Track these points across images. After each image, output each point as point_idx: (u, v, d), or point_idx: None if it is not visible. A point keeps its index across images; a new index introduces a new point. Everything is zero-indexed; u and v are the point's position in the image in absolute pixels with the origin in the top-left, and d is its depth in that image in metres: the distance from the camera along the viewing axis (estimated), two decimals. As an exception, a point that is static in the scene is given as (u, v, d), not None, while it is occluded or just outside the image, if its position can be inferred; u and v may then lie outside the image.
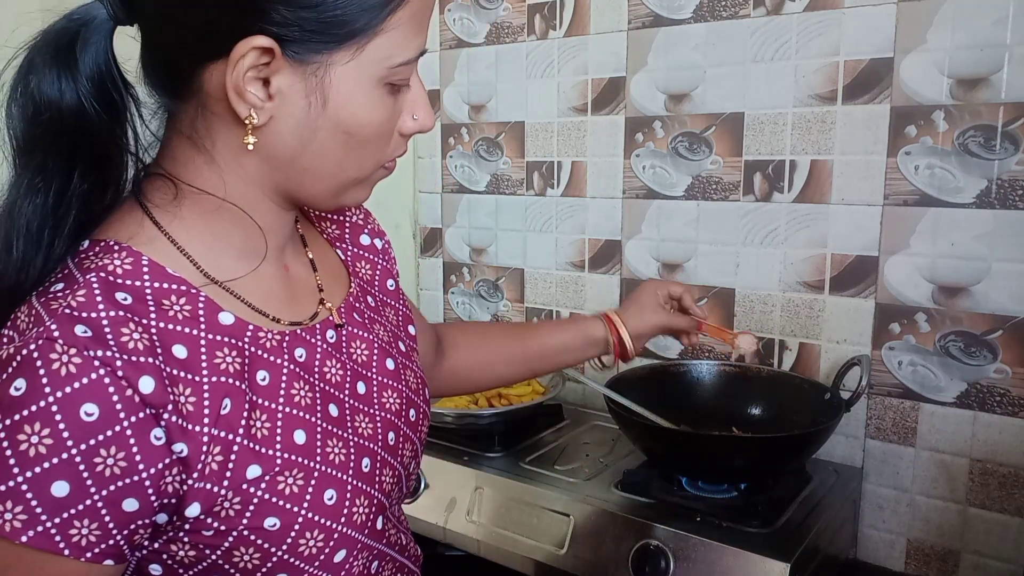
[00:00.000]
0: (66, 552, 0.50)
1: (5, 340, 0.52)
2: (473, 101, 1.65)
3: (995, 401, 1.15)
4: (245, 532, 0.56)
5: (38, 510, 0.49)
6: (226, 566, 0.57)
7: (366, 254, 0.79)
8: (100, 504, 0.51)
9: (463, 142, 1.68)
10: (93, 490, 0.50)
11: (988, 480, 1.17)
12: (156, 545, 0.56)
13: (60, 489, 0.49)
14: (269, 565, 0.57)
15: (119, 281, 0.55)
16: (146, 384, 0.52)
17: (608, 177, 1.48)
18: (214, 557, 0.57)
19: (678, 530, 1.02)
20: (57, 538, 0.50)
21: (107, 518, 0.51)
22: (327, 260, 0.74)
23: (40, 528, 0.49)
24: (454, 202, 1.71)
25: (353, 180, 0.62)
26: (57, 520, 0.50)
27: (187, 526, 0.55)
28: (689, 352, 1.43)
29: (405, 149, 0.64)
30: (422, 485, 1.24)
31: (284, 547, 0.57)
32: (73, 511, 0.50)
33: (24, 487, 0.49)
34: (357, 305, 0.72)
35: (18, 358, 0.50)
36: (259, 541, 0.57)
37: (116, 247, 0.57)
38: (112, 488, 0.51)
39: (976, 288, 1.15)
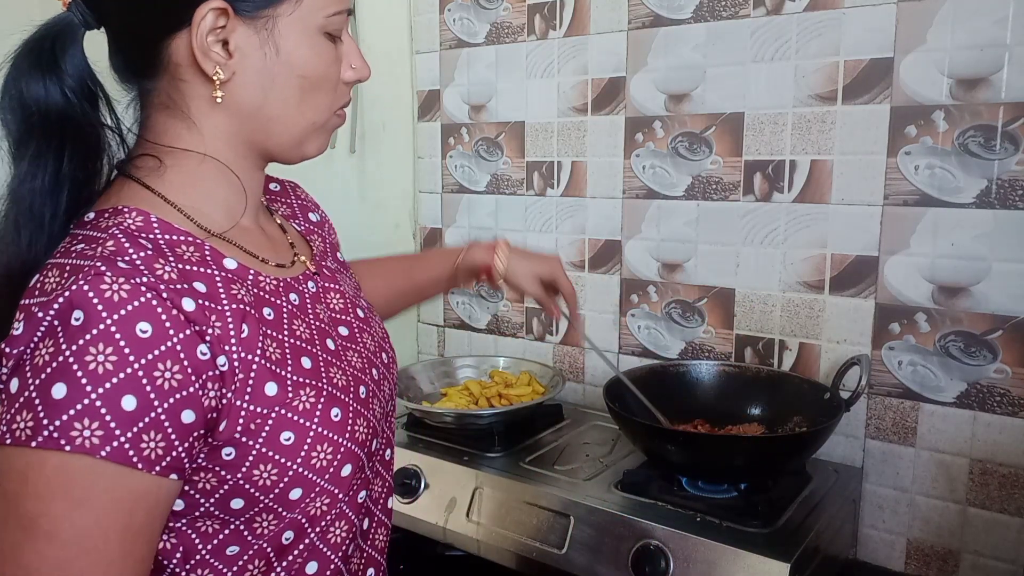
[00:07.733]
0: (140, 466, 0.55)
1: (36, 306, 0.56)
2: (473, 101, 1.65)
3: (995, 401, 1.15)
4: (264, 449, 0.62)
5: (112, 424, 0.54)
6: (247, 486, 0.62)
7: (317, 229, 0.88)
8: (163, 416, 0.56)
9: (463, 142, 1.68)
10: (156, 403, 0.55)
11: (988, 480, 1.17)
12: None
13: (129, 403, 0.54)
14: (287, 479, 0.63)
15: (136, 234, 0.62)
16: (188, 304, 0.58)
17: (608, 177, 1.48)
18: (236, 479, 0.62)
19: (678, 530, 1.02)
20: (131, 452, 0.55)
21: (169, 430, 0.56)
22: (288, 229, 0.83)
23: (116, 443, 0.54)
24: (454, 202, 1.71)
25: (312, 125, 0.70)
26: (129, 434, 0.55)
27: (217, 444, 0.60)
28: (689, 352, 1.43)
29: (349, 98, 0.74)
30: (422, 485, 1.24)
31: (299, 460, 0.63)
32: (141, 424, 0.55)
33: (98, 403, 0.54)
34: (323, 263, 0.82)
35: (66, 295, 0.55)
36: (276, 456, 0.62)
37: (125, 209, 0.63)
38: (172, 400, 0.56)
39: (976, 288, 1.15)
